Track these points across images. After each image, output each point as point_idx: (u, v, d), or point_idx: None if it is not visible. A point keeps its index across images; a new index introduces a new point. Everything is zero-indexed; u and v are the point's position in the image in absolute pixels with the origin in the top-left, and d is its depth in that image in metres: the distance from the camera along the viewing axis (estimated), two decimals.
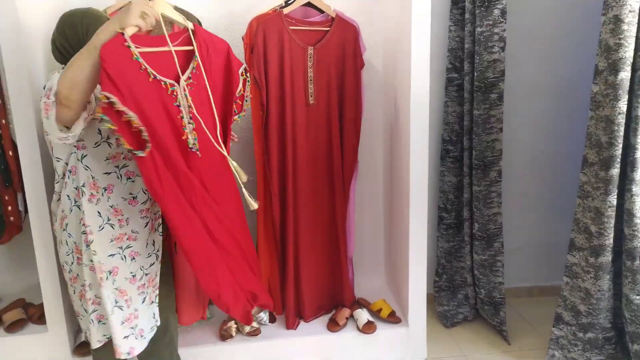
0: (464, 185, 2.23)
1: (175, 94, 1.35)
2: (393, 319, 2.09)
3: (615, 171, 1.73)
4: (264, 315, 2.07)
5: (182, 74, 1.38)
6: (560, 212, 2.51)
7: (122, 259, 1.41)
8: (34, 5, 1.76)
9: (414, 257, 1.99)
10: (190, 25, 1.42)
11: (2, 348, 1.85)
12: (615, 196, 1.75)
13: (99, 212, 1.36)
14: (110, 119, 1.19)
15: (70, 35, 1.35)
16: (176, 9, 1.52)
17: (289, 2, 1.92)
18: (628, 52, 1.65)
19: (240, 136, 2.23)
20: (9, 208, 1.84)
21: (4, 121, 1.74)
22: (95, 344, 1.43)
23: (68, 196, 1.38)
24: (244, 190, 1.45)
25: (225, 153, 1.44)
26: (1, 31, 1.63)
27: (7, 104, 1.74)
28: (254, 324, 2.02)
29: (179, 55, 1.38)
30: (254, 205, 1.46)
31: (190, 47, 1.41)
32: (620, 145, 1.71)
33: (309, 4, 1.92)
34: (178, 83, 1.36)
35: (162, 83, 1.33)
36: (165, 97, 1.34)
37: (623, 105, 1.69)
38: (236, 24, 2.12)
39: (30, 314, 1.95)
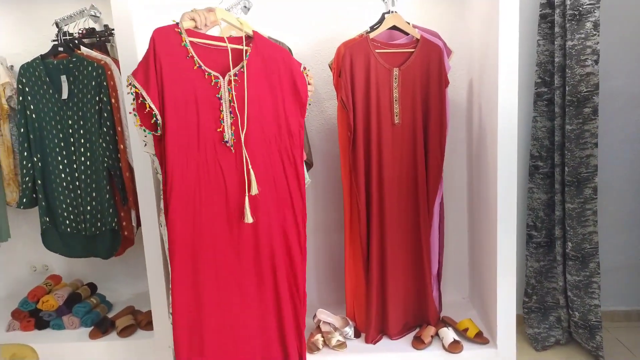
0: (555, 202, 2.15)
1: (219, 86, 1.42)
2: (480, 339, 2.04)
3: None
4: (349, 330, 2.11)
5: (231, 69, 1.45)
6: None
7: None
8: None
9: (503, 276, 1.94)
10: (249, 32, 1.52)
11: (116, 351, 2.04)
12: None
13: None
14: (134, 98, 1.34)
15: None
16: (270, 39, 1.64)
17: (375, 26, 1.99)
18: None
19: (326, 155, 2.34)
20: (124, 224, 2.04)
21: (122, 146, 1.95)
22: None
23: None
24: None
25: (246, 155, 1.47)
26: (123, 67, 1.82)
27: (125, 130, 1.95)
28: (340, 338, 2.06)
29: (231, 53, 1.46)
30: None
31: (240, 46, 1.48)
32: None
33: (394, 27, 1.98)
34: (224, 78, 1.44)
35: (206, 74, 1.40)
36: (208, 88, 1.41)
37: None
38: (324, 49, 2.25)
39: (138, 320, 2.14)
